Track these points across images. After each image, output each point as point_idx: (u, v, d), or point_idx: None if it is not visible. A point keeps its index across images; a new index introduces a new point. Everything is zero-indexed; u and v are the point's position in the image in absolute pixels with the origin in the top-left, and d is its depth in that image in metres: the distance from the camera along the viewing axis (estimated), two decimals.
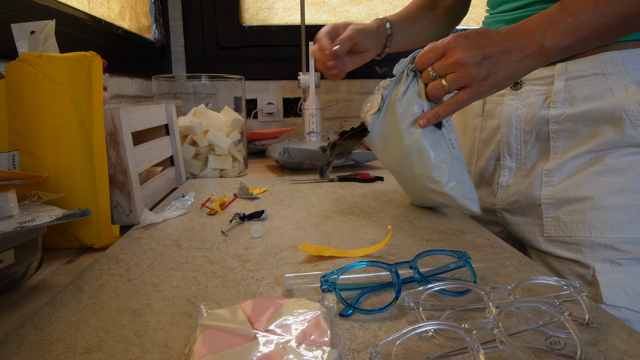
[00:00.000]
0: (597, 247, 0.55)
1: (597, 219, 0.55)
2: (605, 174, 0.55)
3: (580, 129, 0.57)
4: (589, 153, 0.57)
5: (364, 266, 0.36)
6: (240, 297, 0.35)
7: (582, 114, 0.57)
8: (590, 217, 0.55)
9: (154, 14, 1.42)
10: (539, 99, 0.61)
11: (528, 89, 0.63)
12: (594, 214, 0.55)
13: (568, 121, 0.58)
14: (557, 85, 0.59)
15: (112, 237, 0.50)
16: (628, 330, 0.30)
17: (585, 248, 0.55)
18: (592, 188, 0.55)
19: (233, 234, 0.51)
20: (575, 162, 0.58)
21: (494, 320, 0.26)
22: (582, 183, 0.56)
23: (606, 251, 0.54)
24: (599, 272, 0.54)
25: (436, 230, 0.52)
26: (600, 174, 0.55)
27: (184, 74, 1.55)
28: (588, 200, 0.55)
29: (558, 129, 0.59)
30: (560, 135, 0.59)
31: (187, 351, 0.26)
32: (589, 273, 0.55)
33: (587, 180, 0.56)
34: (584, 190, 0.56)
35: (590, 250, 0.55)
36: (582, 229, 0.56)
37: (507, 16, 0.65)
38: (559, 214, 0.58)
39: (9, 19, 0.65)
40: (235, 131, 0.89)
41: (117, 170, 0.53)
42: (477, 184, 0.73)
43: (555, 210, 0.59)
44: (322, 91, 1.60)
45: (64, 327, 0.30)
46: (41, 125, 0.45)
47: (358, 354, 0.27)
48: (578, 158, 0.57)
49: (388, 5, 1.59)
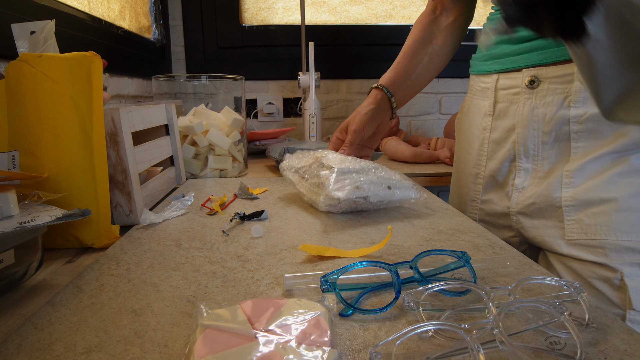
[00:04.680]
0: (624, 251, 0.53)
1: (622, 222, 0.53)
2: (630, 175, 0.53)
3: (604, 129, 0.55)
4: (612, 153, 0.55)
5: (364, 266, 0.36)
6: (240, 297, 0.35)
7: None
8: (616, 220, 0.53)
9: (154, 14, 1.42)
10: (558, 98, 0.59)
11: (546, 87, 0.60)
12: (620, 217, 0.53)
13: (590, 121, 0.56)
14: (578, 84, 0.57)
15: (112, 237, 0.50)
16: (628, 330, 0.30)
17: (611, 252, 0.53)
18: (616, 189, 0.54)
19: (233, 234, 0.51)
20: (597, 162, 0.56)
21: (494, 320, 0.26)
22: (605, 184, 0.54)
23: (634, 255, 0.52)
24: (628, 276, 0.52)
25: (436, 230, 0.52)
26: (625, 175, 0.54)
27: (184, 74, 1.55)
28: (612, 202, 0.54)
29: (579, 130, 0.57)
30: (582, 135, 0.57)
31: (187, 351, 0.26)
32: (616, 277, 0.53)
33: (610, 182, 0.54)
34: (608, 191, 0.54)
35: (616, 254, 0.53)
36: (607, 231, 0.54)
37: None
38: (582, 217, 0.56)
39: (9, 19, 0.65)
40: (235, 131, 0.89)
41: (117, 170, 0.53)
42: (488, 187, 0.71)
43: (577, 212, 0.57)
44: (322, 91, 1.60)
45: (64, 327, 0.30)
46: (41, 125, 0.45)
47: (358, 354, 0.27)
48: (601, 158, 0.55)
49: (388, 5, 1.59)
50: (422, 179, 1.05)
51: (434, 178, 1.05)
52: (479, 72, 0.72)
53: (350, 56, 1.59)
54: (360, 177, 0.58)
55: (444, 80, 1.63)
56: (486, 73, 0.70)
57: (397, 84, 0.73)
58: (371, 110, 0.70)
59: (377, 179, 0.58)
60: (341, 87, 1.61)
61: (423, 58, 0.75)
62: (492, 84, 0.68)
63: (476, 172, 0.73)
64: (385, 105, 0.73)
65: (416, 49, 0.76)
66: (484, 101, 0.70)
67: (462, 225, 0.54)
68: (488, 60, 0.69)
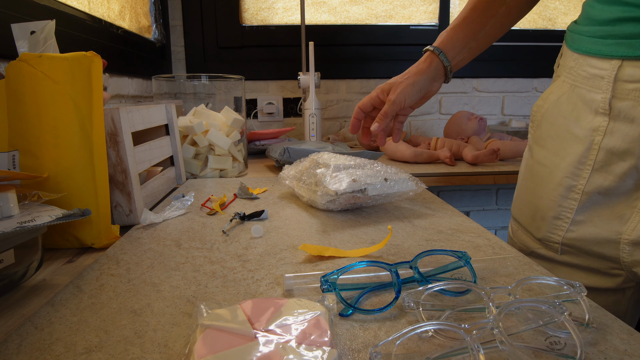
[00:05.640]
0: None
1: None
2: None
3: None
4: None
5: (364, 266, 0.36)
6: (240, 297, 0.35)
7: None
8: None
9: (154, 14, 1.42)
10: None
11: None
12: None
13: None
14: None
15: (112, 237, 0.50)
16: (628, 330, 0.30)
17: None
18: None
19: (233, 234, 0.51)
20: None
21: (494, 320, 0.26)
22: None
23: None
24: None
25: (436, 230, 0.52)
26: None
27: (184, 74, 1.55)
28: None
29: None
30: None
31: (187, 351, 0.26)
32: None
33: None
34: None
35: None
36: None
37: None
38: None
39: (9, 19, 0.65)
40: (235, 131, 0.89)
41: (117, 170, 0.53)
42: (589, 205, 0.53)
43: None
44: (322, 91, 1.60)
45: (64, 327, 0.30)
46: (41, 125, 0.45)
47: (358, 354, 0.27)
48: None
49: (388, 5, 1.59)
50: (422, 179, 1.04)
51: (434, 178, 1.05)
52: (591, 53, 0.52)
53: (350, 56, 1.59)
54: (356, 171, 0.58)
55: None
56: (603, 56, 0.50)
57: (458, 47, 0.62)
58: (419, 81, 0.61)
59: (374, 172, 0.59)
60: (341, 87, 1.61)
61: (498, 10, 0.61)
62: (612, 72, 0.49)
63: (571, 185, 0.54)
64: (439, 74, 0.63)
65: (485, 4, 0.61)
66: (595, 94, 0.51)
67: (462, 225, 0.54)
68: (608, 39, 0.50)
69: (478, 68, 1.62)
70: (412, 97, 0.62)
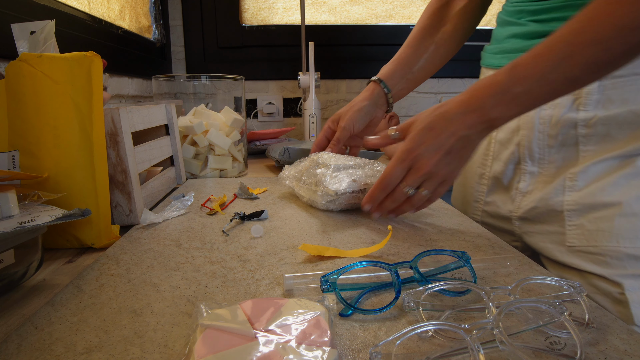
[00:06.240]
0: (625, 259, 0.50)
1: (625, 227, 0.50)
2: (635, 177, 0.51)
3: (614, 133, 0.52)
4: (619, 157, 0.52)
5: (364, 266, 0.36)
6: (240, 297, 0.35)
7: (616, 116, 0.52)
8: (618, 225, 0.50)
9: (154, 14, 1.42)
10: (567, 100, 0.56)
11: None
12: (622, 221, 0.50)
13: (600, 125, 0.53)
14: (590, 87, 0.53)
15: (112, 237, 0.50)
16: (628, 330, 0.30)
17: (612, 260, 0.51)
18: (620, 193, 0.51)
19: (233, 234, 0.51)
20: (602, 165, 0.53)
21: (494, 320, 0.26)
22: (609, 187, 0.51)
23: (637, 264, 0.50)
24: (629, 289, 0.49)
25: (436, 230, 0.52)
26: (630, 177, 0.51)
27: (184, 74, 1.55)
28: (616, 206, 0.51)
29: (588, 133, 0.54)
30: (591, 139, 0.54)
31: (187, 351, 0.26)
32: (617, 290, 0.50)
33: (615, 184, 0.51)
34: (612, 195, 0.51)
35: (618, 263, 0.51)
36: (609, 237, 0.51)
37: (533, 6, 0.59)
38: (584, 222, 0.53)
39: (9, 19, 0.65)
40: (235, 131, 0.89)
41: (117, 170, 0.53)
42: (493, 188, 0.68)
43: (580, 217, 0.54)
44: (322, 91, 1.60)
45: (64, 327, 0.30)
46: (41, 125, 0.45)
47: (358, 354, 0.27)
48: (606, 161, 0.53)
49: (388, 5, 1.59)
50: None
51: None
52: (489, 66, 0.69)
53: (351, 56, 1.59)
54: (356, 171, 0.58)
55: (444, 80, 1.63)
56: (496, 67, 0.66)
57: (396, 77, 0.71)
58: (364, 107, 0.69)
59: (373, 172, 0.59)
60: (341, 87, 1.61)
61: (429, 47, 0.72)
62: None
63: (481, 172, 0.69)
64: (381, 101, 0.71)
65: (422, 37, 0.73)
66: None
67: (462, 225, 0.54)
68: (499, 54, 0.65)
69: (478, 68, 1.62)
70: (359, 121, 0.70)
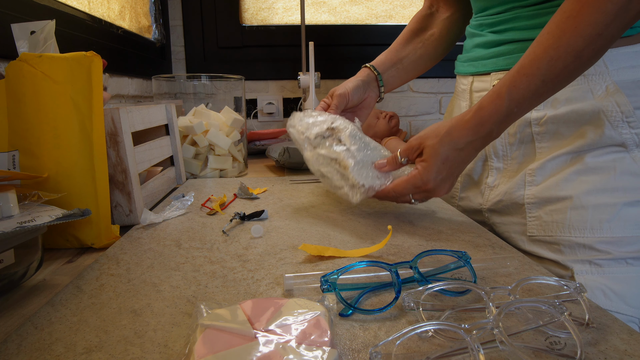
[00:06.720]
0: (576, 247, 0.55)
1: (576, 219, 0.55)
2: (584, 173, 0.55)
3: (563, 130, 0.58)
4: (570, 153, 0.57)
5: (364, 266, 0.36)
6: (240, 297, 0.35)
7: (563, 115, 0.57)
8: (570, 217, 0.55)
9: (154, 14, 1.42)
10: None
11: None
12: (574, 214, 0.55)
13: (550, 123, 0.58)
14: None
15: (112, 237, 0.50)
16: (628, 330, 0.30)
17: (565, 248, 0.56)
18: (572, 187, 0.56)
19: (233, 234, 0.51)
20: (556, 161, 0.58)
21: (494, 320, 0.26)
22: (562, 182, 0.57)
23: (585, 251, 0.54)
24: (578, 273, 0.54)
25: (436, 230, 0.52)
26: (580, 173, 0.56)
27: (184, 74, 1.55)
28: (568, 199, 0.56)
29: (541, 131, 0.60)
30: (544, 136, 0.60)
31: (187, 351, 0.26)
32: (567, 274, 0.55)
33: (567, 180, 0.56)
34: (564, 189, 0.56)
35: (569, 250, 0.55)
36: (562, 228, 0.56)
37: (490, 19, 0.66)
38: (541, 214, 0.59)
39: (9, 19, 0.65)
40: (235, 131, 0.89)
41: (117, 170, 0.53)
42: (466, 184, 0.74)
43: (538, 209, 0.59)
44: (322, 91, 1.60)
45: (64, 327, 0.30)
46: (41, 125, 0.45)
47: (358, 354, 0.27)
48: (559, 158, 0.58)
49: (388, 5, 1.59)
50: None
51: None
52: (459, 73, 0.76)
53: (351, 56, 1.59)
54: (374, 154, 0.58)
55: (444, 80, 1.63)
56: (464, 74, 0.73)
57: (386, 65, 0.76)
58: (358, 83, 0.72)
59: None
60: None
61: (417, 45, 0.78)
62: (468, 85, 0.71)
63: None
64: (373, 83, 0.74)
65: (410, 37, 0.79)
66: (463, 102, 0.73)
67: (462, 225, 0.54)
68: (466, 62, 0.72)
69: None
70: (354, 94, 0.71)
